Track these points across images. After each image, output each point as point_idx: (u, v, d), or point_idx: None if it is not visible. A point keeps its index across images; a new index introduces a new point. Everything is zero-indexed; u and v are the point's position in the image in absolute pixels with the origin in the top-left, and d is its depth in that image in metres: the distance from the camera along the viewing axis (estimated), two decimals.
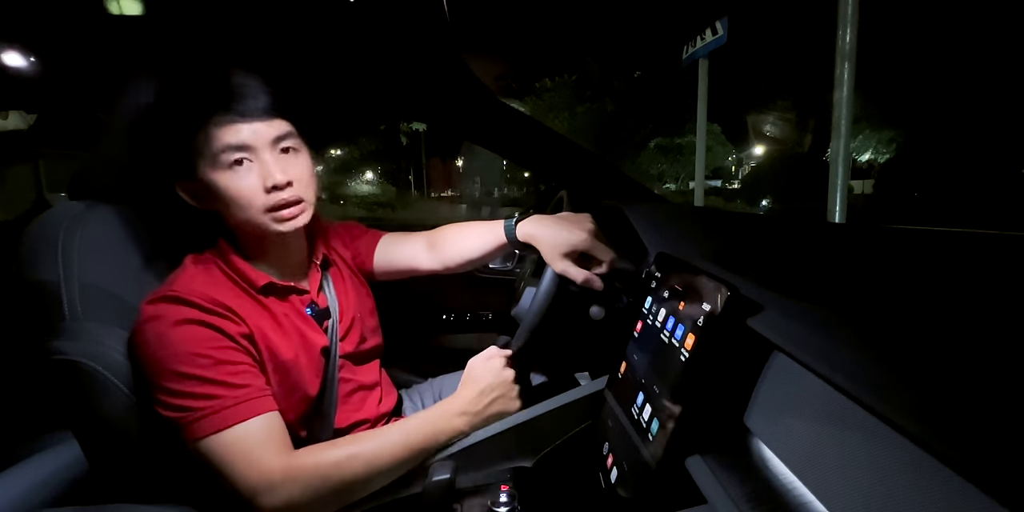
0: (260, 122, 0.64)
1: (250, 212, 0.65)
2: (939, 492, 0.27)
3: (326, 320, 0.78)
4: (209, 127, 0.62)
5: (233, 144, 0.63)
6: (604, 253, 0.75)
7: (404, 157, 22.29)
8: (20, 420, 0.96)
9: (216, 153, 0.63)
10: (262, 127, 0.64)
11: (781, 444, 0.42)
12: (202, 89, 0.64)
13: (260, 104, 0.64)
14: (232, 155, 0.63)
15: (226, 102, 0.63)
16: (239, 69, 0.66)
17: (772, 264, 0.63)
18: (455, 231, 0.88)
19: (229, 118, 0.63)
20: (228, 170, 0.64)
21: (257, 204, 0.65)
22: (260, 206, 0.65)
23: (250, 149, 0.64)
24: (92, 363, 0.60)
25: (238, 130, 0.63)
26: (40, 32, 1.10)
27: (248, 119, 0.63)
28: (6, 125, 2.15)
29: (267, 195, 0.65)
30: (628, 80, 16.19)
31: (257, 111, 0.64)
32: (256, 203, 0.65)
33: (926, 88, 12.49)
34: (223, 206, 0.66)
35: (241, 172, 0.64)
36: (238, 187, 0.64)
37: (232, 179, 0.64)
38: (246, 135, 0.63)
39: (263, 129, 0.65)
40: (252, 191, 0.65)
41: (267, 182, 0.64)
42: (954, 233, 0.75)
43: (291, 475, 0.58)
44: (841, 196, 2.37)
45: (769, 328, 0.44)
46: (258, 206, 0.65)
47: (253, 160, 0.65)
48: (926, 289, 0.48)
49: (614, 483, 0.57)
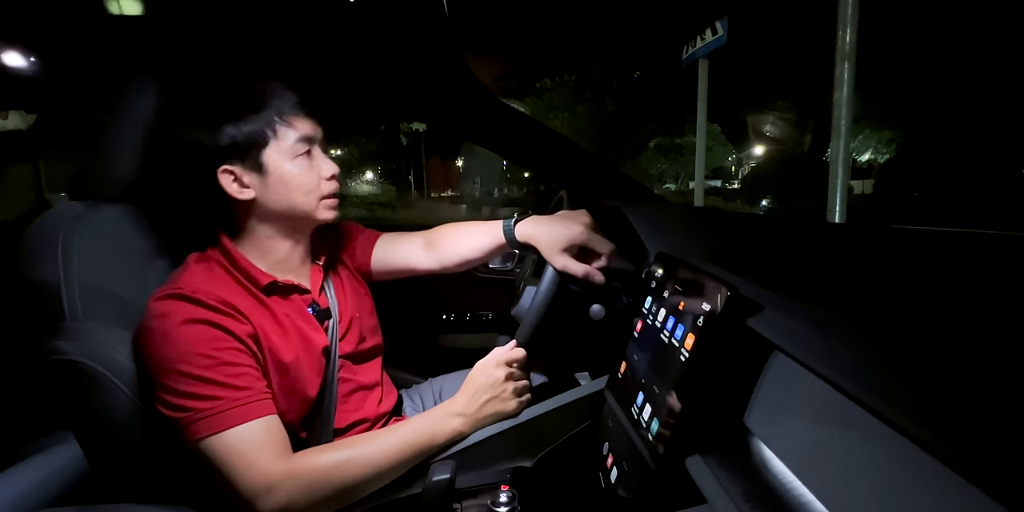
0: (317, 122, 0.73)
1: (310, 198, 0.72)
2: (939, 492, 0.27)
3: (327, 320, 0.78)
4: (287, 118, 0.69)
5: (308, 135, 0.71)
6: (602, 245, 0.77)
7: (404, 157, 22.30)
8: (20, 420, 0.96)
9: (291, 142, 0.69)
10: (318, 125, 0.73)
11: (781, 444, 0.42)
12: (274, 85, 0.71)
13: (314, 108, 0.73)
14: (303, 146, 0.70)
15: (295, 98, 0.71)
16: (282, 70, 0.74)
17: (772, 264, 0.63)
18: (453, 231, 0.88)
19: (302, 112, 0.71)
20: (296, 159, 0.70)
21: (319, 191, 0.72)
22: (320, 193, 0.73)
23: (314, 142, 0.72)
24: (92, 363, 0.60)
25: (308, 124, 0.71)
26: (40, 32, 1.10)
27: (311, 115, 0.72)
28: (6, 125, 2.15)
29: (327, 183, 0.73)
30: (628, 80, 16.18)
31: (313, 112, 0.72)
32: (318, 191, 0.72)
33: (926, 88, 12.49)
34: (280, 192, 0.70)
35: (308, 162, 0.71)
36: (305, 174, 0.71)
37: (302, 167, 0.71)
38: (311, 129, 0.71)
39: (319, 127, 0.73)
40: (316, 179, 0.72)
41: (326, 172, 0.73)
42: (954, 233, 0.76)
43: (290, 478, 0.58)
44: (841, 196, 2.36)
45: (769, 328, 0.44)
46: (318, 193, 0.72)
47: (312, 152, 0.72)
48: (926, 289, 0.48)
49: (614, 483, 0.57)
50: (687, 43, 4.99)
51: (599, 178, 1.21)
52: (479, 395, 0.71)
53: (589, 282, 0.76)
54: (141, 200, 0.77)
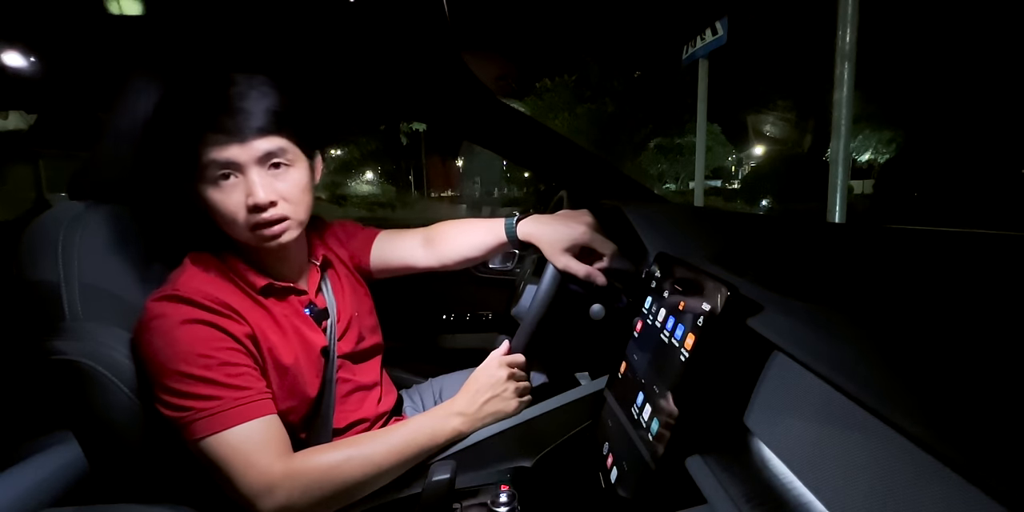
0: (252, 140, 0.62)
1: (235, 228, 0.65)
2: (939, 492, 0.27)
3: (324, 320, 0.78)
4: (199, 142, 0.61)
5: (219, 160, 0.62)
6: (604, 246, 0.77)
7: (404, 157, 22.28)
8: (20, 420, 0.96)
9: (204, 167, 0.62)
10: (252, 144, 0.63)
11: (781, 444, 0.42)
12: (198, 102, 0.63)
13: (254, 122, 0.62)
14: (219, 171, 0.62)
15: (218, 119, 0.61)
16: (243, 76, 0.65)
17: (772, 264, 0.63)
18: (454, 228, 0.88)
19: (221, 135, 0.61)
20: (214, 185, 0.63)
21: (240, 221, 0.64)
22: (243, 223, 0.64)
23: (236, 166, 0.63)
24: (92, 363, 0.60)
25: (227, 147, 0.61)
26: (40, 32, 1.10)
27: (238, 137, 0.62)
28: (6, 125, 2.15)
29: (249, 214, 0.64)
30: (628, 80, 16.18)
31: (249, 129, 0.62)
32: (239, 220, 0.64)
33: (926, 88, 12.49)
34: (215, 217, 0.66)
35: (226, 188, 0.63)
36: (223, 202, 0.63)
37: (217, 194, 0.63)
38: (233, 152, 0.62)
39: (253, 146, 0.63)
40: (236, 207, 0.64)
41: (248, 201, 0.63)
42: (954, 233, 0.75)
43: (290, 478, 0.58)
44: (841, 196, 2.37)
45: (769, 328, 0.44)
46: (241, 223, 0.64)
47: (239, 176, 0.63)
48: (926, 289, 0.48)
49: (614, 483, 0.57)
50: (687, 43, 4.98)
51: (599, 178, 1.21)
52: (480, 394, 0.71)
53: (590, 282, 0.76)
54: (141, 200, 0.77)
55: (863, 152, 15.35)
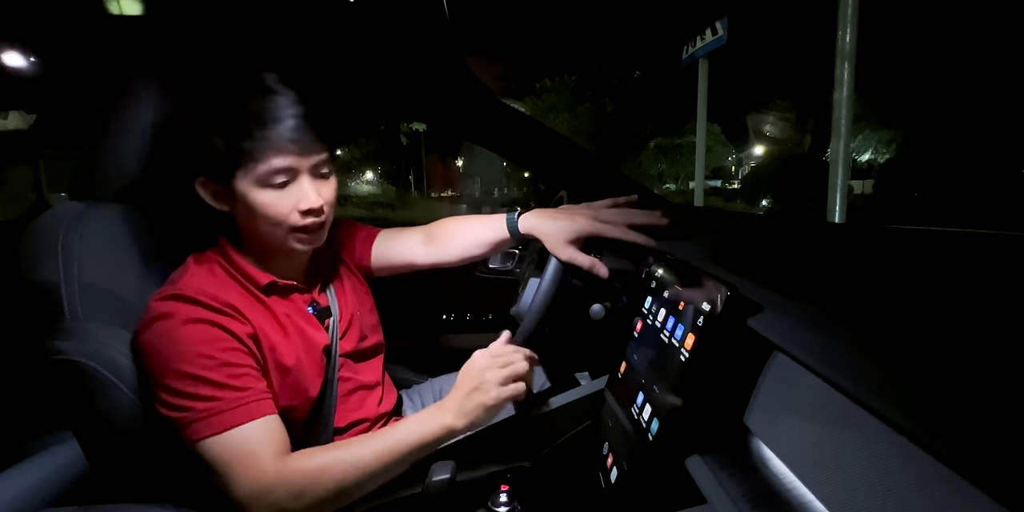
0: (310, 151, 0.66)
1: (276, 229, 0.67)
2: (938, 491, 0.27)
3: (327, 318, 0.78)
4: (264, 148, 0.63)
5: (282, 168, 0.64)
6: (610, 231, 0.76)
7: (404, 157, 22.28)
8: (20, 420, 0.96)
9: (263, 173, 0.64)
10: (308, 152, 0.66)
11: (781, 444, 0.42)
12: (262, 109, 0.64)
13: (313, 134, 0.66)
14: (278, 178, 0.65)
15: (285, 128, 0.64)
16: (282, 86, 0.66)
17: (772, 264, 0.63)
18: (455, 225, 0.88)
19: (284, 145, 0.64)
20: (268, 188, 0.65)
21: (287, 224, 0.67)
22: (289, 226, 0.67)
23: (294, 173, 0.66)
24: (92, 363, 0.60)
25: (288, 156, 0.64)
26: (40, 32, 1.10)
27: (300, 147, 0.65)
28: (6, 125, 2.16)
29: (300, 217, 0.67)
30: (628, 80, 16.18)
31: (310, 141, 0.66)
32: (287, 223, 0.67)
33: (926, 88, 12.49)
34: (248, 217, 0.67)
35: (280, 193, 0.66)
36: (275, 206, 0.66)
37: (270, 198, 0.65)
38: (294, 161, 0.65)
39: (310, 157, 0.66)
40: (287, 211, 0.66)
41: (303, 205, 0.66)
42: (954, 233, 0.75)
43: (285, 479, 0.58)
44: (841, 196, 2.37)
45: (769, 328, 0.44)
46: (287, 226, 0.67)
47: (293, 182, 0.66)
48: (926, 289, 0.47)
49: (614, 483, 0.57)
50: (687, 43, 4.98)
51: (599, 178, 1.21)
52: (462, 388, 0.67)
53: (593, 275, 0.76)
54: (141, 200, 0.77)
55: (863, 152, 15.35)
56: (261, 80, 0.66)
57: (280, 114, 0.64)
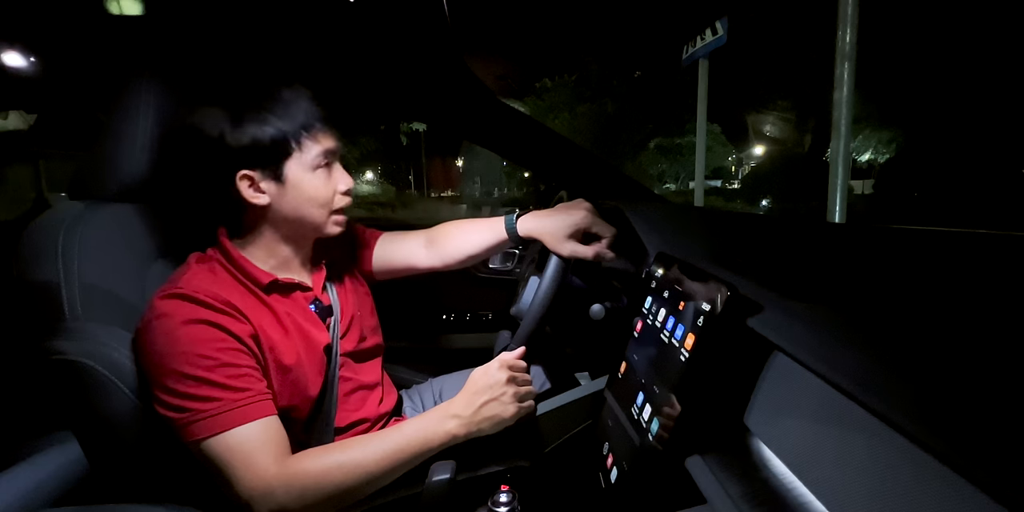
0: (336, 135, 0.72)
1: (322, 210, 0.72)
2: (938, 491, 0.27)
3: (329, 317, 0.78)
4: (316, 132, 0.69)
5: (331, 149, 0.70)
6: (605, 229, 0.78)
7: (404, 157, 22.28)
8: (20, 420, 0.96)
9: (313, 155, 0.69)
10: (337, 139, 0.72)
11: (781, 444, 0.42)
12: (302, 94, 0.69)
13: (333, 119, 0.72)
14: (324, 159, 0.70)
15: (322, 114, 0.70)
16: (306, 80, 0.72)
17: (772, 264, 0.63)
18: (455, 228, 0.88)
19: (328, 128, 0.70)
20: (316, 171, 0.70)
21: (331, 205, 0.72)
22: (332, 206, 0.73)
23: (335, 155, 0.72)
24: (92, 363, 0.60)
25: (331, 137, 0.71)
26: (40, 32, 1.10)
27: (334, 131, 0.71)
28: (6, 125, 2.16)
29: (340, 197, 0.73)
30: (628, 80, 16.17)
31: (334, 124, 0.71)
32: (331, 204, 0.72)
33: (926, 88, 12.49)
34: (294, 201, 0.70)
35: (325, 175, 0.71)
36: (323, 188, 0.71)
37: (319, 179, 0.70)
38: (334, 144, 0.71)
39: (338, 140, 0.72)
40: (332, 192, 0.72)
41: (342, 186, 0.73)
42: (954, 233, 0.75)
43: (287, 480, 0.58)
44: (841, 196, 2.36)
45: (769, 328, 0.44)
46: (331, 206, 0.72)
47: (332, 165, 0.72)
48: (926, 289, 0.48)
49: (614, 483, 0.57)
50: (687, 43, 4.98)
51: (599, 178, 1.21)
52: (477, 396, 0.68)
53: (593, 275, 0.77)
54: (141, 200, 0.77)
55: (863, 152, 15.36)
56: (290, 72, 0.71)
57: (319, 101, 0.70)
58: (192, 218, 0.78)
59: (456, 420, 0.66)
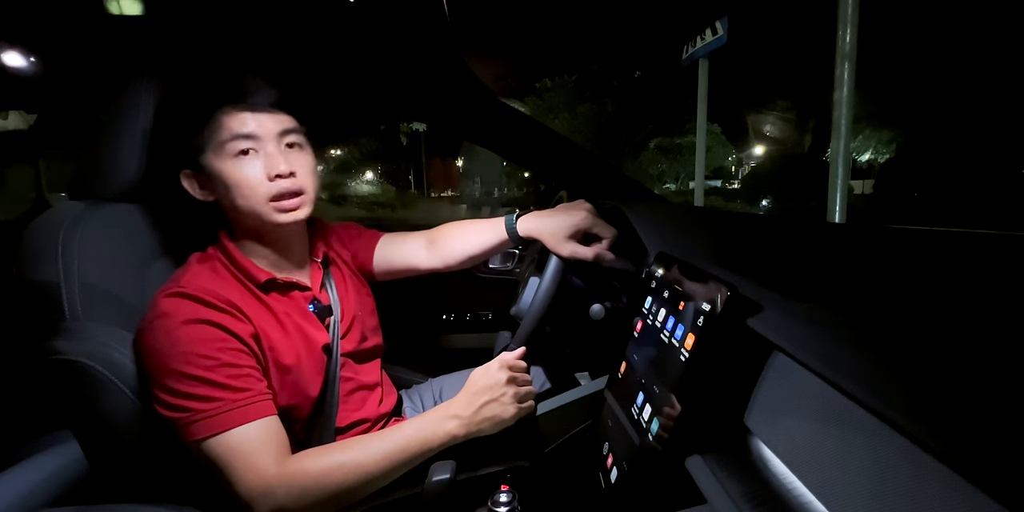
0: (267, 114, 0.67)
1: (252, 201, 0.67)
2: (938, 491, 0.27)
3: (328, 317, 0.78)
4: (219, 117, 0.65)
5: (242, 133, 0.66)
6: (606, 230, 0.78)
7: (404, 157, 22.26)
8: (20, 420, 0.96)
9: (223, 142, 0.65)
10: (269, 120, 0.67)
11: (781, 444, 0.42)
12: (212, 81, 0.67)
13: (267, 98, 0.68)
14: (239, 144, 0.66)
15: (235, 94, 0.66)
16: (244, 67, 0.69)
17: (772, 264, 0.63)
18: (455, 229, 0.89)
19: (238, 108, 0.66)
20: (234, 159, 0.66)
21: (260, 192, 0.67)
22: (263, 195, 0.67)
23: (257, 139, 0.67)
24: (92, 363, 0.60)
25: (245, 121, 0.66)
26: (40, 32, 1.10)
27: (256, 110, 0.66)
28: (6, 125, 2.16)
29: (270, 183, 0.67)
30: (628, 80, 16.16)
31: (264, 104, 0.67)
32: (260, 192, 0.67)
33: (926, 88, 12.49)
34: (226, 195, 0.68)
35: (246, 161, 0.66)
36: (244, 175, 0.66)
37: (238, 167, 0.66)
38: (253, 126, 0.66)
39: (270, 122, 0.67)
40: (257, 180, 0.66)
41: (271, 171, 0.66)
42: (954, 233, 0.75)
43: (287, 480, 0.58)
44: (841, 196, 2.36)
45: (769, 328, 0.44)
46: (261, 194, 0.67)
47: (259, 151, 0.67)
48: (926, 289, 0.47)
49: (614, 483, 0.57)
50: (687, 43, 4.98)
51: (599, 178, 1.21)
52: (478, 396, 0.68)
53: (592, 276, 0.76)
54: (141, 200, 0.77)
55: (863, 152, 15.34)
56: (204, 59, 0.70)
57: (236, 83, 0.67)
58: (192, 218, 0.78)
59: (456, 420, 0.66)
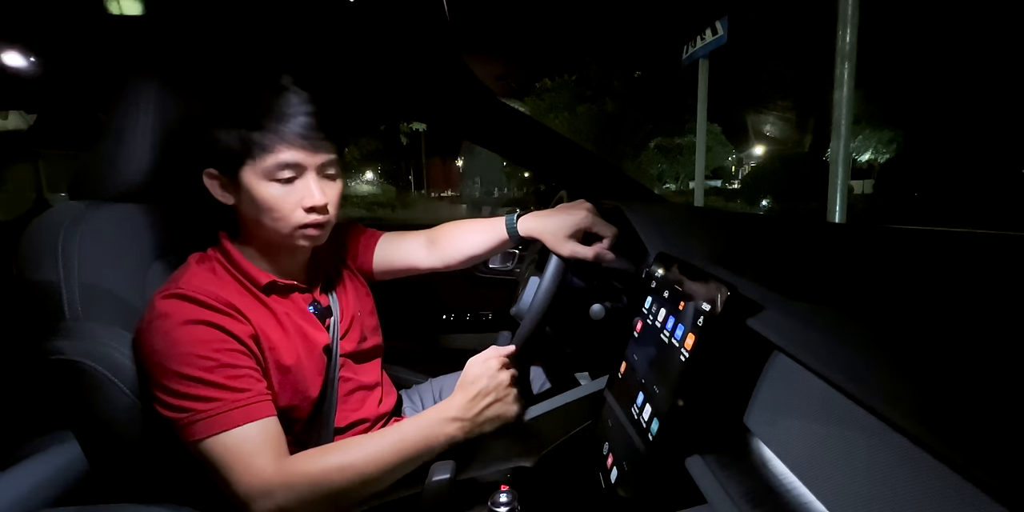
0: (319, 149, 0.67)
1: (281, 224, 0.67)
2: (939, 491, 0.27)
3: (328, 318, 0.78)
4: (273, 140, 0.64)
5: (290, 163, 0.65)
6: (606, 230, 0.78)
7: (404, 157, 22.27)
8: (20, 420, 0.96)
9: (270, 166, 0.65)
10: (316, 150, 0.67)
11: (781, 444, 0.42)
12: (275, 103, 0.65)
13: (322, 133, 0.67)
14: (284, 173, 0.66)
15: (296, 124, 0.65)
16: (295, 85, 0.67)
17: (772, 264, 0.63)
18: (456, 228, 0.88)
19: (294, 140, 0.65)
20: (274, 183, 0.66)
21: (292, 220, 0.67)
22: (294, 222, 0.67)
23: (301, 169, 0.67)
24: (92, 363, 0.60)
25: (296, 152, 0.65)
26: (40, 32, 1.10)
27: (309, 144, 0.66)
28: (6, 125, 2.16)
29: (304, 214, 0.67)
30: (628, 80, 16.16)
31: (317, 138, 0.66)
32: (291, 219, 0.67)
33: (926, 88, 12.48)
34: (252, 209, 0.67)
35: (286, 188, 0.66)
36: (281, 201, 0.66)
37: (276, 192, 0.66)
38: (302, 157, 0.66)
39: (316, 152, 0.67)
40: (291, 207, 0.67)
41: (306, 202, 0.67)
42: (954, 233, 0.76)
43: (286, 481, 0.58)
44: (841, 196, 2.37)
45: (769, 328, 0.44)
46: (292, 222, 0.67)
47: (299, 178, 0.67)
48: (926, 289, 0.48)
49: (614, 483, 0.57)
50: (687, 43, 4.98)
51: (599, 178, 1.21)
52: (481, 398, 0.68)
53: (592, 276, 0.76)
54: (141, 200, 0.77)
55: (863, 152, 15.35)
56: (276, 76, 0.68)
57: (293, 110, 0.65)
58: (192, 218, 0.78)
59: (457, 423, 0.66)
